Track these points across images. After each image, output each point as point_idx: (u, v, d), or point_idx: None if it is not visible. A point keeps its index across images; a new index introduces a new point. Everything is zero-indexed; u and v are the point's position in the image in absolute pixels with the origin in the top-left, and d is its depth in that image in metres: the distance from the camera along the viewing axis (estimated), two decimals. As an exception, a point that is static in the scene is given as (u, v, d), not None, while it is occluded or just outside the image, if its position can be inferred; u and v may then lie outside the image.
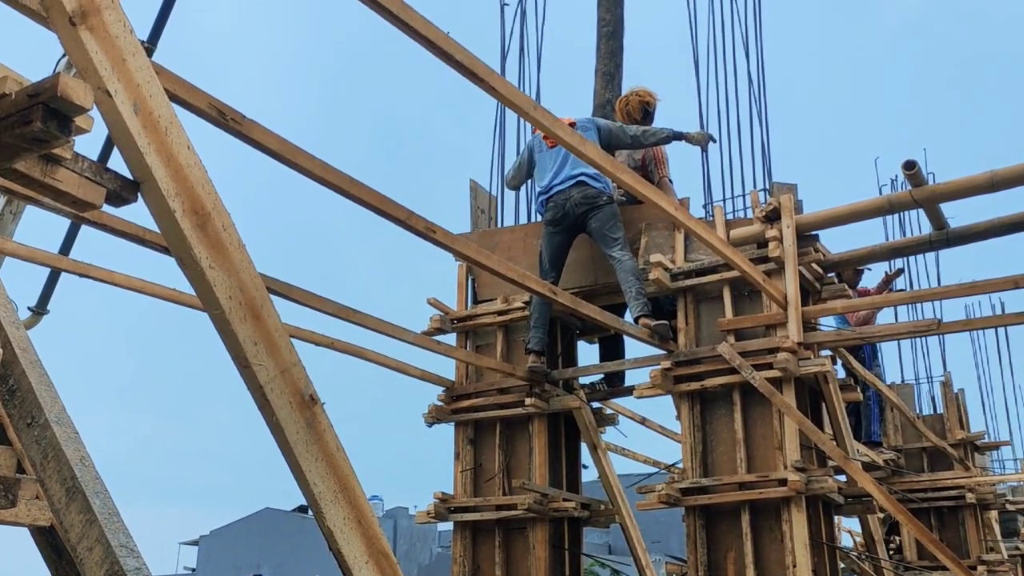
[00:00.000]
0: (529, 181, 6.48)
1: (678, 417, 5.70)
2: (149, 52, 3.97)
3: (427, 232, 3.70)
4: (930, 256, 11.55)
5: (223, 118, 2.78)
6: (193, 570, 47.63)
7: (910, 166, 4.80)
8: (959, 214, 5.20)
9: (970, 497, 9.19)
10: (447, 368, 6.41)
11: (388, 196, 3.49)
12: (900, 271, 9.22)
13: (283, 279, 4.40)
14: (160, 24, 4.65)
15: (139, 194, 1.87)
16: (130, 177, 1.88)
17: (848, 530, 11.71)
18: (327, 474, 2.02)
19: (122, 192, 1.95)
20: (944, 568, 6.54)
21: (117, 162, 1.99)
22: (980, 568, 8.92)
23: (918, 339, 11.85)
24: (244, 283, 1.94)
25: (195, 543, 48.26)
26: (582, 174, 5.77)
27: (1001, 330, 15.01)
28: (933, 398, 10.88)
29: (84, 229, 3.98)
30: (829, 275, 5.75)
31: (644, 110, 6.35)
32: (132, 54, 1.83)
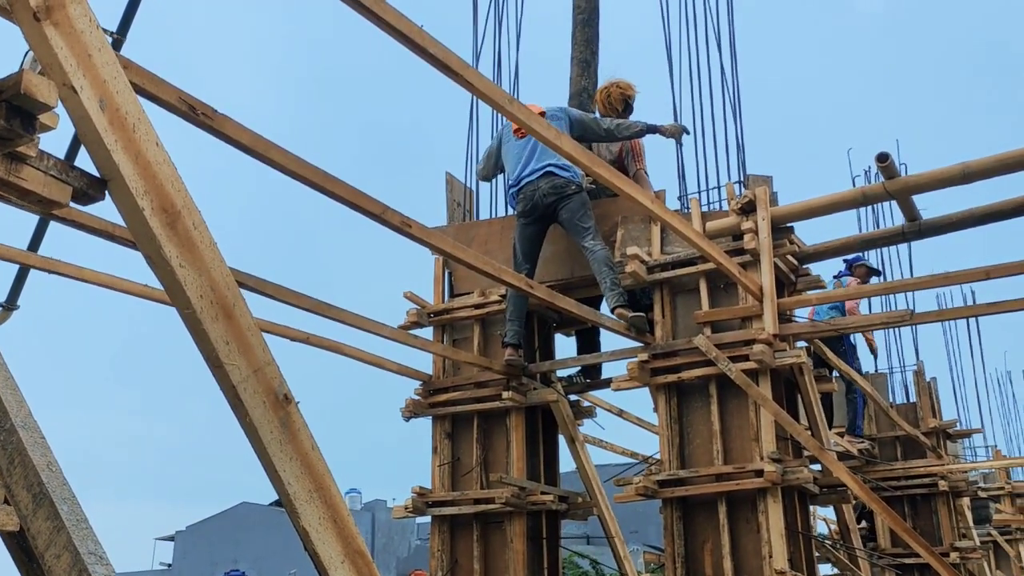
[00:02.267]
0: (502, 174, 6.46)
1: (655, 409, 5.72)
2: (119, 44, 3.91)
3: (403, 227, 3.67)
4: (903, 247, 11.66)
5: (194, 113, 2.74)
6: (169, 566, 47.37)
7: (883, 158, 4.83)
8: (930, 206, 5.25)
9: (942, 485, 9.30)
10: (424, 362, 6.39)
11: (363, 191, 3.47)
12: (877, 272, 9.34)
13: (259, 275, 4.36)
14: (130, 14, 4.57)
15: (106, 192, 1.83)
16: (97, 175, 1.84)
17: (823, 518, 11.83)
18: (302, 473, 2.00)
19: (89, 190, 1.91)
20: (917, 555, 6.62)
21: (85, 159, 1.96)
22: (953, 555, 9.04)
23: (891, 329, 11.97)
24: (215, 282, 1.91)
25: (171, 538, 47.98)
26: (549, 164, 5.75)
27: (972, 320, 15.20)
28: (906, 387, 11.00)
29: (53, 223, 3.92)
30: (804, 267, 5.78)
31: (625, 102, 6.35)
32: (98, 49, 1.79)
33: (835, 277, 9.53)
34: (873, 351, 10.63)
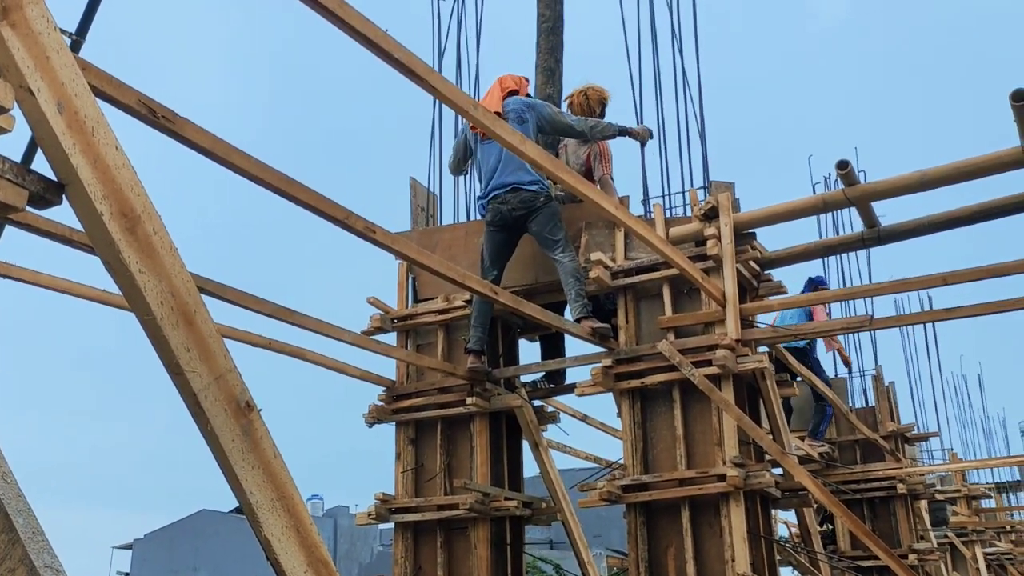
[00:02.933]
0: (470, 175, 6.47)
1: (619, 414, 5.74)
2: (77, 45, 3.84)
3: (367, 232, 3.65)
4: (862, 254, 11.84)
5: (154, 116, 2.70)
6: (127, 574, 46.59)
7: (843, 165, 4.90)
8: (892, 212, 5.32)
9: (901, 488, 9.44)
10: (388, 367, 6.35)
11: (326, 195, 3.44)
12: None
13: (221, 280, 4.31)
14: (89, 15, 4.49)
15: (64, 196, 1.79)
16: (55, 179, 1.80)
17: (784, 521, 11.95)
18: (264, 482, 1.98)
19: (46, 194, 1.87)
20: (876, 558, 6.71)
21: (43, 163, 1.92)
22: (911, 556, 9.17)
23: (852, 335, 12.13)
24: (176, 288, 1.88)
25: (129, 547, 47.20)
26: (515, 182, 5.72)
27: (929, 325, 15.46)
28: (865, 392, 11.15)
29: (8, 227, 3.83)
30: (766, 272, 5.84)
31: (602, 104, 6.38)
32: (56, 51, 1.76)
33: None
34: (847, 363, 10.72)
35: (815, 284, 9.38)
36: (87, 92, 1.78)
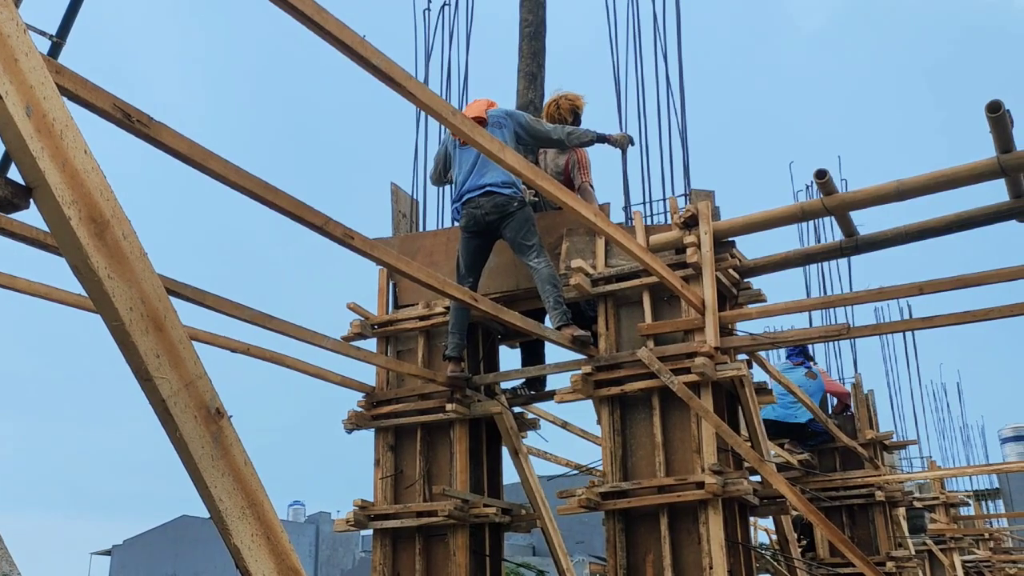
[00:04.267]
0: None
1: (599, 421, 5.74)
2: (58, 47, 3.81)
3: (345, 238, 3.64)
4: (842, 262, 11.91)
5: (128, 120, 2.68)
6: (106, 581, 46.18)
7: (821, 175, 4.93)
8: (868, 221, 5.36)
9: (879, 495, 9.48)
10: (368, 373, 6.33)
11: (305, 201, 3.43)
12: None
13: (201, 286, 4.29)
14: (70, 16, 4.47)
15: (32, 200, 1.78)
16: (22, 183, 1.79)
17: (764, 528, 11.98)
18: (234, 490, 1.96)
19: (13, 199, 1.86)
20: (854, 565, 6.73)
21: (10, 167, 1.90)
22: (889, 564, 9.20)
23: (831, 343, 12.20)
24: (146, 293, 1.87)
25: (107, 553, 46.82)
26: (489, 185, 5.71)
27: (908, 334, 15.57)
28: (845, 399, 11.19)
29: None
30: (746, 280, 5.86)
31: (574, 113, 6.39)
32: (25, 54, 1.74)
33: (788, 357, 9.95)
34: (847, 405, 10.74)
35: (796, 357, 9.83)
36: (56, 95, 1.77)
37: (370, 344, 6.31)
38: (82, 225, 1.75)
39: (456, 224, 6.04)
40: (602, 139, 6.06)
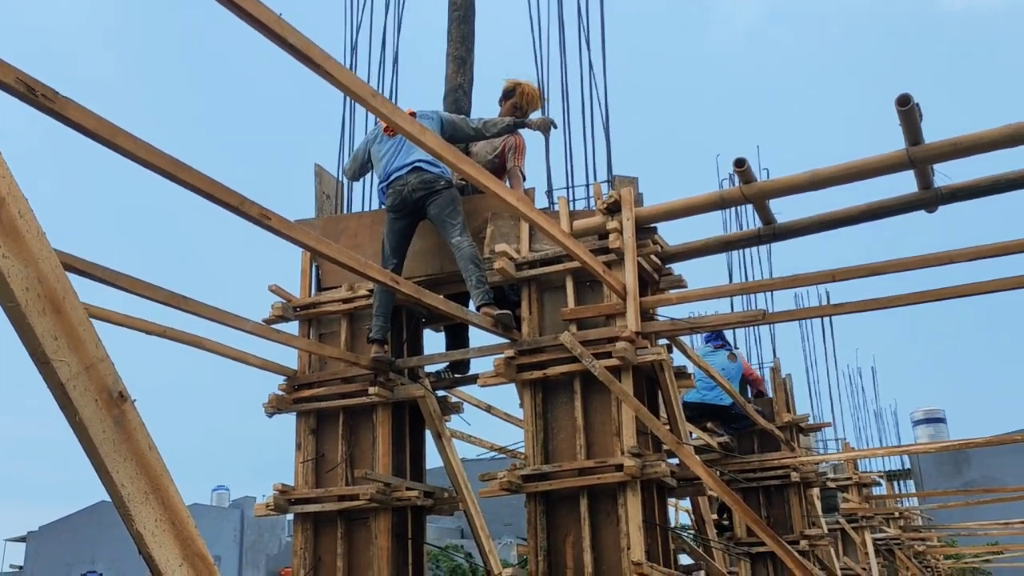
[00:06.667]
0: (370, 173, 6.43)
1: (521, 405, 5.77)
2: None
3: (262, 219, 3.58)
4: (764, 250, 12.19)
5: (32, 94, 2.59)
6: (20, 568, 44.89)
7: (740, 163, 5.03)
8: (788, 210, 5.49)
9: (795, 476, 9.76)
10: (291, 357, 6.26)
11: (219, 181, 3.37)
12: None
13: (120, 268, 4.20)
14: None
15: (-80, 176, 1.71)
16: (-90, 157, 1.72)
17: (686, 510, 12.24)
18: (137, 475, 1.93)
19: (-101, 175, 1.78)
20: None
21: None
22: (803, 542, 9.49)
23: (751, 328, 12.49)
24: (44, 273, 1.81)
25: (22, 539, 45.47)
26: (418, 160, 5.76)
27: (826, 320, 16.03)
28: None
29: None
30: (667, 266, 5.95)
31: (533, 106, 6.43)
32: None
33: (707, 342, 10.16)
34: (761, 392, 11.01)
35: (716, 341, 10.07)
36: (-53, 67, 1.70)
37: (292, 327, 6.23)
38: (-26, 203, 1.69)
39: (383, 207, 6.01)
40: (520, 124, 6.10)
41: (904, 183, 4.93)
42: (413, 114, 5.69)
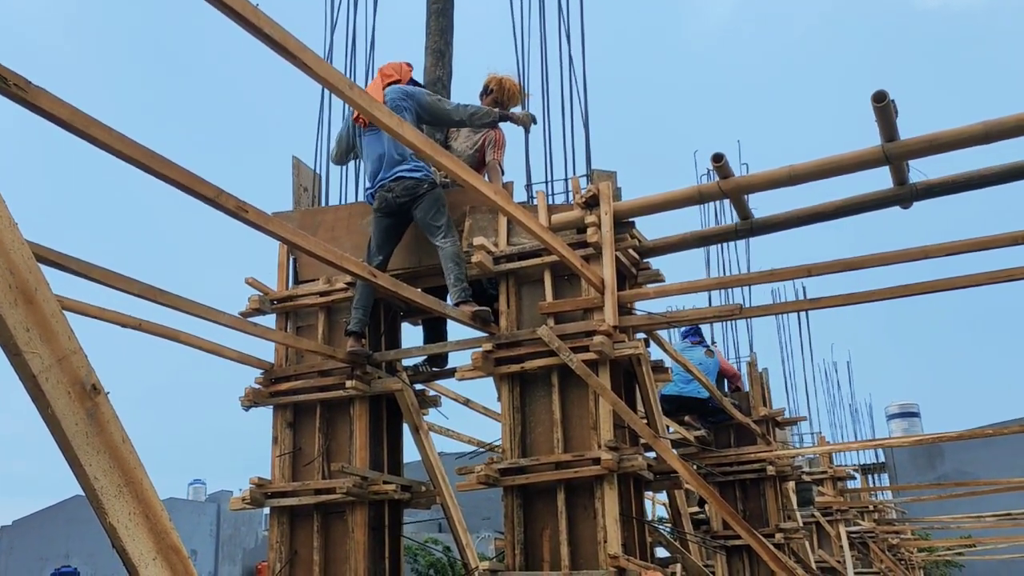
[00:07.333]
0: (356, 161, 6.41)
1: (499, 399, 5.78)
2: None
3: (238, 211, 3.56)
4: (741, 244, 12.26)
5: (5, 84, 2.57)
6: (-7, 563, 44.40)
7: (718, 158, 5.05)
8: (764, 205, 5.52)
9: (770, 470, 9.84)
10: (268, 350, 6.23)
11: (196, 173, 3.34)
12: None
13: (96, 261, 4.16)
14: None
15: None
16: None
17: (663, 503, 12.30)
18: (110, 467, 1.91)
19: None
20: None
21: None
22: (778, 536, 9.58)
23: (729, 323, 12.56)
24: (15, 264, 1.79)
25: (-5, 535, 44.96)
26: (401, 170, 5.79)
27: (803, 315, 16.14)
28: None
29: None
30: (645, 260, 5.97)
31: (513, 101, 6.43)
32: None
33: (684, 337, 10.24)
34: (738, 387, 11.09)
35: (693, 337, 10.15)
36: (-85, 55, 1.67)
37: (269, 320, 6.20)
38: (-57, 192, 1.67)
39: (362, 199, 6.02)
40: (504, 117, 6.10)
41: (884, 179, 4.97)
42: (392, 83, 5.68)
